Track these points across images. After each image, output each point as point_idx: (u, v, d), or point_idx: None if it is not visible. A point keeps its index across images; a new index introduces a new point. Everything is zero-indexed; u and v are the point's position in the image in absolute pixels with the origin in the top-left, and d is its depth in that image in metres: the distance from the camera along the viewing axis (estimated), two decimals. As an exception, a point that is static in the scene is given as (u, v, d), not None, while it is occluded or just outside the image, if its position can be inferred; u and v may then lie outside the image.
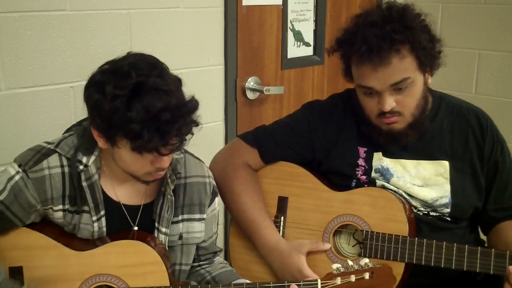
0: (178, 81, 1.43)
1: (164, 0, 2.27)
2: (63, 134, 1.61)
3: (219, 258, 1.77)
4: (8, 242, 1.51)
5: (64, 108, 2.04)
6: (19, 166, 1.48)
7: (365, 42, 1.56)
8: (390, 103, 1.61)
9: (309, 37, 2.91)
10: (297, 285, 1.50)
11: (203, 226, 1.65)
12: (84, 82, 2.04)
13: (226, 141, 2.59)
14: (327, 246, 1.72)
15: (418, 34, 1.58)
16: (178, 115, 1.35)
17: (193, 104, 1.41)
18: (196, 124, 1.42)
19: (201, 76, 2.45)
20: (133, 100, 1.32)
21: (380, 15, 1.60)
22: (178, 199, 1.60)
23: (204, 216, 1.65)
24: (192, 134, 1.43)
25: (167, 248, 1.59)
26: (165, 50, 2.30)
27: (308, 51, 2.92)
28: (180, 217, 1.61)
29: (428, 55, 1.61)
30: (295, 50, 2.85)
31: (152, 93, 1.33)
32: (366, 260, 1.50)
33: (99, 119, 1.38)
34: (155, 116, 1.32)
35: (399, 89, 1.60)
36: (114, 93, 1.33)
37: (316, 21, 2.92)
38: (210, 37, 2.46)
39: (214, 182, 1.69)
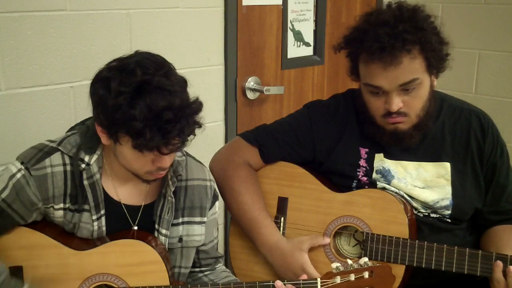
0: (183, 82, 1.43)
1: (164, 0, 2.27)
2: (66, 133, 1.61)
3: (221, 266, 1.76)
4: (8, 242, 1.51)
5: (64, 108, 2.04)
6: (22, 163, 1.48)
7: (377, 41, 1.55)
8: (397, 103, 1.60)
9: (309, 37, 2.91)
10: (297, 284, 1.50)
11: (203, 230, 1.65)
12: (84, 82, 2.07)
13: (226, 141, 2.59)
14: (327, 240, 1.72)
15: (429, 35, 1.58)
16: (181, 116, 1.35)
17: (197, 105, 1.41)
18: (199, 125, 1.42)
19: (201, 76, 2.45)
20: (137, 98, 1.33)
21: (392, 14, 1.60)
22: (178, 202, 1.60)
23: (205, 219, 1.65)
24: (194, 135, 1.43)
25: (167, 250, 1.59)
26: (165, 50, 2.30)
27: (308, 51, 2.92)
28: (180, 220, 1.61)
29: (437, 57, 1.61)
30: (295, 50, 2.84)
31: (156, 92, 1.33)
32: (366, 259, 1.50)
33: (102, 115, 1.38)
34: (157, 115, 1.32)
35: (406, 90, 1.60)
36: (119, 89, 1.33)
37: (316, 21, 2.92)
38: (210, 37, 2.46)
39: (215, 186, 1.69)
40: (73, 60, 2.04)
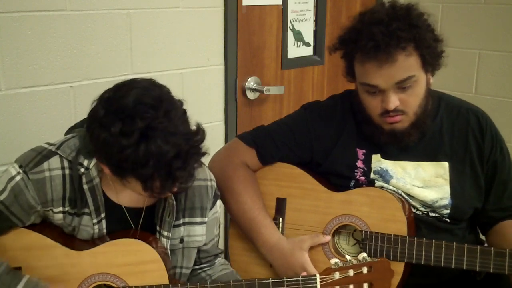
0: (183, 114, 1.40)
1: (164, 0, 2.27)
2: (65, 134, 1.61)
3: (220, 260, 1.76)
4: (6, 243, 1.51)
5: (64, 108, 2.05)
6: (20, 167, 1.47)
7: (371, 39, 1.55)
8: (394, 101, 1.60)
9: (309, 37, 2.91)
10: (296, 280, 1.50)
11: (204, 230, 1.65)
12: (84, 82, 2.08)
13: (226, 141, 2.59)
14: (327, 238, 1.72)
15: (423, 32, 1.58)
16: (189, 158, 1.35)
17: (201, 137, 1.39)
18: (204, 154, 1.41)
19: (201, 76, 2.45)
20: (142, 145, 1.30)
21: (386, 13, 1.60)
22: (179, 203, 1.60)
23: (206, 219, 1.64)
24: (201, 165, 1.42)
25: (168, 251, 1.59)
26: (165, 50, 2.30)
27: (308, 51, 2.92)
28: (181, 221, 1.61)
29: (432, 54, 1.61)
30: (295, 50, 2.85)
31: (161, 139, 1.30)
32: (364, 254, 1.50)
33: (106, 161, 1.37)
34: (167, 164, 1.32)
35: (403, 88, 1.60)
36: (123, 143, 1.30)
37: (316, 21, 2.92)
38: (210, 37, 2.46)
39: (215, 185, 1.68)
40: (73, 60, 2.05)
